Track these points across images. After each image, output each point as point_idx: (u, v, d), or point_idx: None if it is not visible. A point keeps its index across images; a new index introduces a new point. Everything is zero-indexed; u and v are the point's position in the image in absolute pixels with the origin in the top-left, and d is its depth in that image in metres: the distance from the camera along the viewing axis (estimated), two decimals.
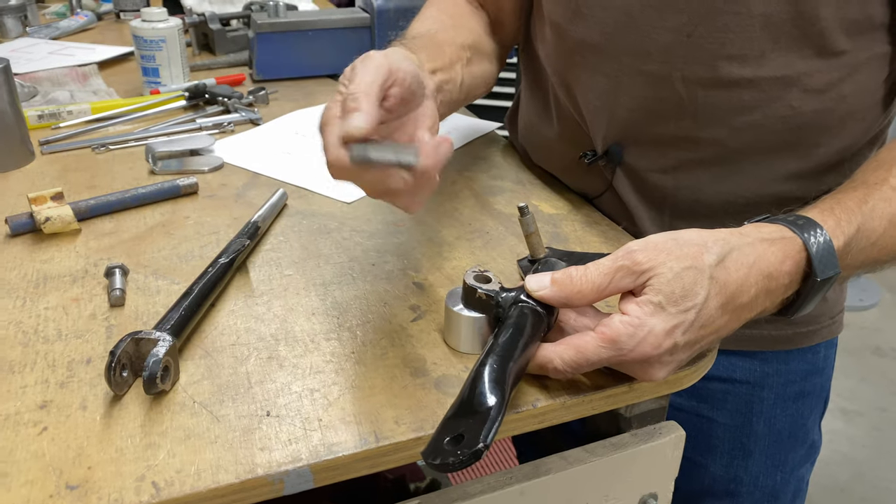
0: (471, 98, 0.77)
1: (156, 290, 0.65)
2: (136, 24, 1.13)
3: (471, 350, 0.58)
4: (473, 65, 0.75)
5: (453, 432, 0.44)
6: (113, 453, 0.48)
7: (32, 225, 0.74)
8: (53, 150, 0.95)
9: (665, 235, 0.53)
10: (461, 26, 0.78)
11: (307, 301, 0.64)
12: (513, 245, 0.74)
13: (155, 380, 0.51)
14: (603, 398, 0.55)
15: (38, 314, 0.62)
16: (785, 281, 0.55)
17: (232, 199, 0.83)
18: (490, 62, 0.80)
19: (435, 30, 0.75)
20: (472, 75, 0.74)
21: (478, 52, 0.77)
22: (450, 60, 0.70)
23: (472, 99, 0.78)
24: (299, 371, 0.56)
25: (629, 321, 0.50)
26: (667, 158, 0.75)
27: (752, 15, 0.65)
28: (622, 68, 0.72)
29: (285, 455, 0.48)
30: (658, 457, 0.66)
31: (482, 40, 0.80)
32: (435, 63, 0.67)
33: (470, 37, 0.77)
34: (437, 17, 0.79)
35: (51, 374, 0.55)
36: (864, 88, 0.70)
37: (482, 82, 0.78)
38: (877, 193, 0.59)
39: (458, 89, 0.70)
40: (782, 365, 0.85)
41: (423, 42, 0.69)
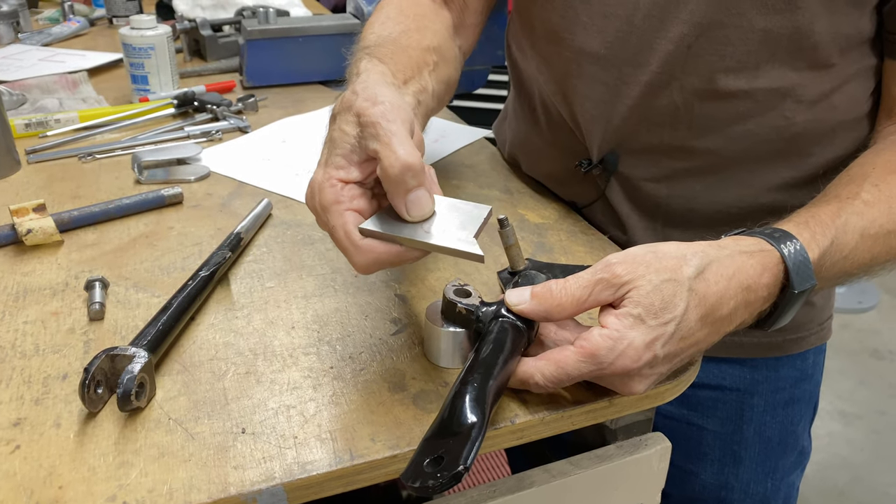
0: (441, 105, 0.74)
1: (136, 304, 0.65)
2: (125, 31, 1.13)
3: (450, 365, 0.57)
4: (440, 69, 0.71)
5: (433, 454, 0.44)
6: (85, 472, 0.47)
7: (14, 237, 0.73)
8: (39, 159, 0.95)
9: (644, 248, 0.53)
10: (424, 28, 0.74)
11: (287, 314, 0.64)
12: (497, 255, 0.73)
13: (129, 397, 0.50)
14: (583, 413, 0.55)
15: (16, 328, 0.62)
16: (763, 293, 0.55)
17: (217, 209, 0.83)
18: (453, 68, 0.77)
19: (398, 33, 0.71)
20: (440, 81, 0.71)
21: (443, 57, 0.73)
22: (418, 67, 0.67)
23: (441, 107, 0.75)
24: (276, 387, 0.55)
25: (608, 334, 0.50)
26: (661, 167, 0.75)
27: (754, 29, 0.65)
28: (621, 77, 0.72)
29: (259, 474, 0.47)
30: (644, 468, 0.65)
31: (445, 44, 0.76)
32: (405, 72, 0.64)
33: (434, 39, 0.73)
34: (398, 18, 0.74)
35: (26, 391, 0.54)
36: (853, 99, 0.71)
37: (447, 88, 0.75)
38: (849, 208, 0.59)
39: (431, 98, 0.67)
40: (772, 372, 0.85)
41: (389, 50, 0.66)
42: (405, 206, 0.50)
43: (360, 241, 0.50)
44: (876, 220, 0.60)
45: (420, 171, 0.50)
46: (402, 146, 0.49)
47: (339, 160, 0.52)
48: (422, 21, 0.75)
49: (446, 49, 0.75)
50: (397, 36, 0.70)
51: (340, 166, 0.52)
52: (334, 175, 0.52)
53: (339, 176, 0.52)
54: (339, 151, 0.53)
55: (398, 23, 0.73)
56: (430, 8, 0.81)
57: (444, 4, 0.84)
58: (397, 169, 0.49)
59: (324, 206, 0.51)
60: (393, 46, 0.67)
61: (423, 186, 0.50)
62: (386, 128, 0.50)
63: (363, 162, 0.52)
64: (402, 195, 0.50)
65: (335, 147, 0.53)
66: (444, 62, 0.73)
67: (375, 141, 0.50)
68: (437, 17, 0.80)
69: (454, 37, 0.81)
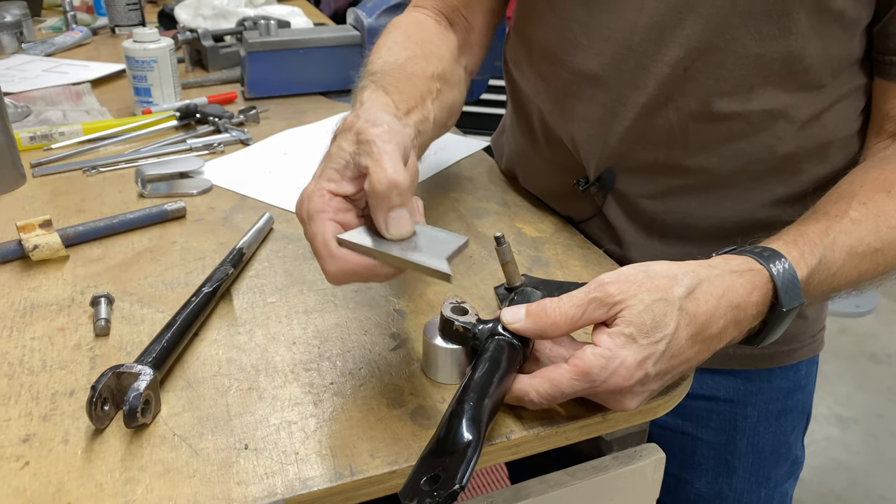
0: (441, 133, 0.76)
1: (140, 319, 0.66)
2: (128, 44, 1.15)
3: (448, 380, 0.59)
4: (443, 96, 0.73)
5: (430, 472, 0.45)
6: (93, 488, 0.49)
7: (21, 252, 0.75)
8: (44, 172, 0.96)
9: (637, 267, 0.54)
10: (430, 54, 0.75)
11: (289, 330, 0.65)
12: (495, 270, 0.75)
13: (135, 414, 0.52)
14: (577, 428, 0.56)
15: (24, 344, 0.63)
16: (753, 311, 0.56)
17: (219, 223, 0.84)
18: (458, 91, 0.79)
19: (403, 59, 0.72)
20: (442, 108, 0.72)
21: (447, 83, 0.75)
22: (421, 96, 0.68)
23: (441, 133, 0.77)
24: (278, 403, 0.57)
25: (601, 353, 0.51)
26: (656, 185, 0.77)
27: (748, 54, 0.66)
28: (619, 98, 0.73)
29: (261, 489, 0.49)
30: (639, 479, 0.67)
31: (450, 68, 0.78)
32: (408, 102, 0.66)
33: (440, 66, 0.75)
34: (405, 43, 0.76)
35: (34, 407, 0.56)
36: (844, 118, 0.72)
37: (451, 114, 0.77)
38: (837, 226, 0.61)
39: (431, 127, 0.69)
40: (765, 383, 0.86)
41: (393, 78, 0.67)
42: (386, 222, 0.52)
43: (335, 250, 0.52)
44: (863, 238, 0.61)
45: (405, 190, 0.51)
46: (392, 165, 0.51)
47: (332, 173, 0.54)
48: (427, 47, 0.77)
49: (451, 73, 0.77)
50: (403, 62, 0.71)
51: (332, 179, 0.54)
52: (325, 186, 0.54)
53: (329, 188, 0.54)
54: (333, 165, 0.55)
55: (404, 48, 0.75)
56: (436, 32, 0.82)
57: (450, 26, 0.86)
58: (384, 185, 0.51)
59: (309, 213, 0.53)
60: (398, 74, 0.68)
61: (405, 206, 0.52)
62: (380, 146, 0.52)
63: (355, 178, 0.54)
64: (384, 211, 0.52)
65: (330, 161, 0.55)
66: (449, 87, 0.75)
67: (368, 157, 0.52)
68: (442, 40, 0.81)
69: (459, 58, 0.83)
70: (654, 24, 0.69)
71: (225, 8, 1.58)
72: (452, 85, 0.77)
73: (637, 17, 0.70)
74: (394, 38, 0.78)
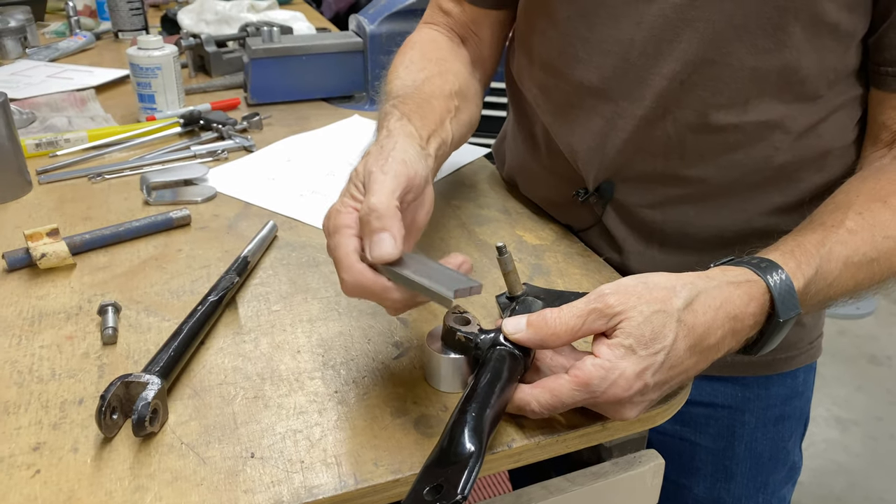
0: (457, 148, 0.78)
1: (147, 328, 0.67)
2: (132, 51, 1.16)
3: (450, 389, 0.60)
4: (461, 114, 0.76)
5: (432, 482, 0.46)
6: (102, 496, 0.50)
7: (29, 260, 0.76)
8: (50, 179, 0.97)
9: (636, 279, 0.55)
10: (447, 72, 0.78)
11: (293, 338, 0.66)
12: (496, 278, 0.76)
13: (144, 423, 0.53)
14: (577, 437, 0.57)
15: (32, 353, 0.64)
16: (750, 322, 0.57)
17: (224, 231, 0.85)
18: (475, 105, 0.81)
19: (422, 80, 0.75)
20: (460, 125, 0.75)
21: (464, 99, 0.77)
22: (440, 118, 0.71)
23: (462, 143, 0.79)
24: (283, 411, 0.58)
25: (601, 364, 0.52)
26: (655, 194, 0.78)
27: (743, 67, 0.67)
28: (618, 110, 0.75)
29: (267, 497, 0.50)
30: (638, 484, 0.68)
31: (467, 83, 0.80)
32: (429, 127, 0.68)
33: (456, 83, 0.77)
34: (421, 63, 0.79)
35: (44, 415, 0.57)
36: (841, 128, 0.73)
37: (468, 129, 0.79)
38: (833, 236, 0.62)
39: (448, 147, 0.72)
40: (763, 390, 0.87)
41: (414, 104, 0.70)
42: (369, 245, 0.54)
43: (354, 263, 0.54)
44: (859, 248, 0.62)
45: (385, 216, 0.54)
46: (377, 194, 0.55)
47: (356, 192, 0.58)
48: (443, 64, 0.80)
49: (467, 88, 0.80)
50: (421, 83, 0.75)
51: (356, 197, 0.57)
52: (349, 203, 0.57)
53: (353, 205, 0.57)
54: (356, 184, 0.58)
55: (421, 68, 0.78)
56: (450, 49, 0.85)
57: (462, 42, 0.89)
58: (364, 210, 0.55)
59: (335, 227, 0.56)
60: (418, 99, 0.71)
61: (386, 231, 0.54)
62: (376, 176, 0.56)
63: None
64: (367, 235, 0.55)
65: (356, 179, 0.58)
66: (466, 103, 0.78)
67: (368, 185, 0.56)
68: (456, 57, 0.84)
69: (473, 72, 0.86)
70: (652, 38, 0.70)
71: (227, 13, 1.59)
72: (469, 99, 0.80)
73: (635, 31, 0.71)
74: (410, 59, 0.81)
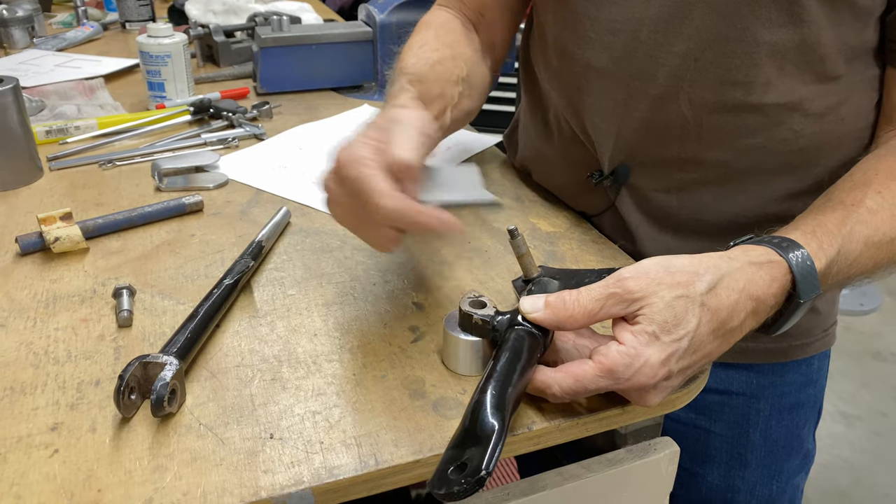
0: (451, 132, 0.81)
1: (162, 311, 0.67)
2: (142, 39, 1.15)
3: (469, 372, 0.59)
4: (462, 102, 0.77)
5: (456, 461, 0.46)
6: (122, 476, 0.49)
7: (42, 244, 0.76)
8: (61, 166, 0.97)
9: (657, 263, 0.55)
10: (457, 56, 0.79)
11: (309, 322, 0.66)
12: (511, 264, 0.75)
13: (162, 403, 0.52)
14: (597, 420, 0.57)
15: (48, 335, 0.64)
16: (771, 302, 0.57)
17: (236, 217, 0.85)
18: (479, 93, 0.83)
19: (434, 61, 0.76)
20: (458, 112, 0.77)
21: (469, 86, 0.79)
22: (444, 105, 0.73)
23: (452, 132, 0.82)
24: (301, 393, 0.57)
25: (626, 351, 0.51)
26: (671, 179, 0.77)
27: (758, 42, 0.67)
28: (629, 91, 0.74)
29: (288, 478, 0.50)
30: (653, 472, 0.67)
31: (475, 71, 0.81)
32: (434, 111, 0.71)
33: (465, 68, 0.78)
34: (435, 44, 0.80)
35: (61, 396, 0.57)
36: (859, 111, 0.72)
37: (465, 119, 0.81)
38: (854, 216, 0.61)
39: (442, 135, 0.74)
40: (777, 377, 0.86)
41: (427, 86, 0.72)
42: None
43: (390, 188, 0.56)
44: (879, 227, 0.62)
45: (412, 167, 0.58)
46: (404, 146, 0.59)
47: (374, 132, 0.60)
48: (456, 48, 0.81)
49: (475, 76, 0.81)
50: (433, 64, 0.76)
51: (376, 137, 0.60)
52: (371, 138, 0.59)
53: (373, 142, 0.59)
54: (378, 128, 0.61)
55: (434, 49, 0.79)
56: (462, 33, 0.86)
57: (474, 28, 0.89)
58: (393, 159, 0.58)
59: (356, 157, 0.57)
60: (428, 83, 0.74)
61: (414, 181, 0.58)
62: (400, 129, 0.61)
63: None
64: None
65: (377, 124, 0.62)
66: (470, 91, 0.80)
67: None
68: (469, 43, 0.85)
69: (484, 59, 0.87)
70: (662, 15, 0.69)
71: (235, 4, 1.59)
72: (475, 87, 0.81)
73: (645, 8, 0.70)
74: (424, 38, 0.81)
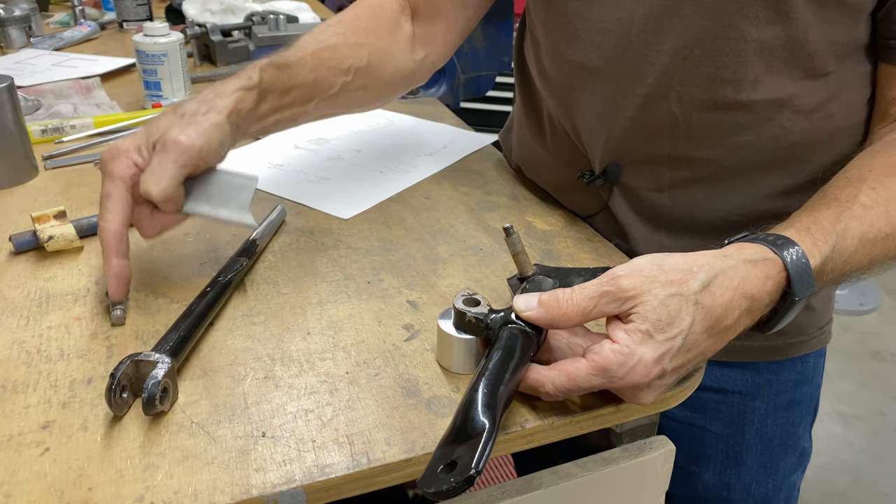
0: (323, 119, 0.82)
1: (156, 309, 0.67)
2: (138, 38, 1.15)
3: (462, 370, 0.59)
4: (346, 91, 0.78)
5: (446, 460, 0.46)
6: (113, 474, 0.49)
7: (36, 243, 0.75)
8: (56, 165, 0.97)
9: (651, 260, 0.55)
10: (362, 45, 0.79)
11: (303, 320, 0.66)
12: (506, 262, 0.75)
13: (154, 401, 0.52)
14: (591, 419, 0.56)
15: (41, 333, 0.64)
16: (766, 300, 0.56)
17: None
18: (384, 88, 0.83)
19: (325, 46, 0.76)
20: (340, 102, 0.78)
21: (368, 76, 0.79)
22: (310, 94, 0.74)
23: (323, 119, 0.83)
24: (294, 391, 0.57)
25: (619, 350, 0.51)
26: (662, 177, 0.77)
27: (746, 40, 0.66)
28: (619, 90, 0.74)
29: (279, 476, 0.49)
30: (648, 471, 0.67)
31: (384, 61, 0.81)
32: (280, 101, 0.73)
33: (365, 58, 0.78)
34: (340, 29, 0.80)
35: (53, 395, 0.56)
36: (851, 107, 0.72)
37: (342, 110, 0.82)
38: (848, 212, 0.61)
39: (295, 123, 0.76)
40: (773, 375, 0.86)
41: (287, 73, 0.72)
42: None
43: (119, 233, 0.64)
44: (874, 224, 0.61)
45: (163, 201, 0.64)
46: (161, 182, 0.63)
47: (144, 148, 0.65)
48: (366, 36, 0.81)
49: (382, 67, 0.82)
50: (321, 49, 0.76)
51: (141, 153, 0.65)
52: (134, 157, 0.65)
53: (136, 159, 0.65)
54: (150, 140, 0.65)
55: (337, 34, 0.79)
56: (387, 21, 0.84)
57: (412, 16, 0.86)
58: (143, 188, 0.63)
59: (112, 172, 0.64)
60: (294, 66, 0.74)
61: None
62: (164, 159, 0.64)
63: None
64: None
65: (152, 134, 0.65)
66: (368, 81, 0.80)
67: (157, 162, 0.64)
68: (389, 31, 0.83)
69: (410, 50, 0.85)
70: (652, 14, 0.69)
71: (232, 3, 1.59)
72: (379, 78, 0.81)
73: (634, 8, 0.70)
74: (339, 19, 0.82)
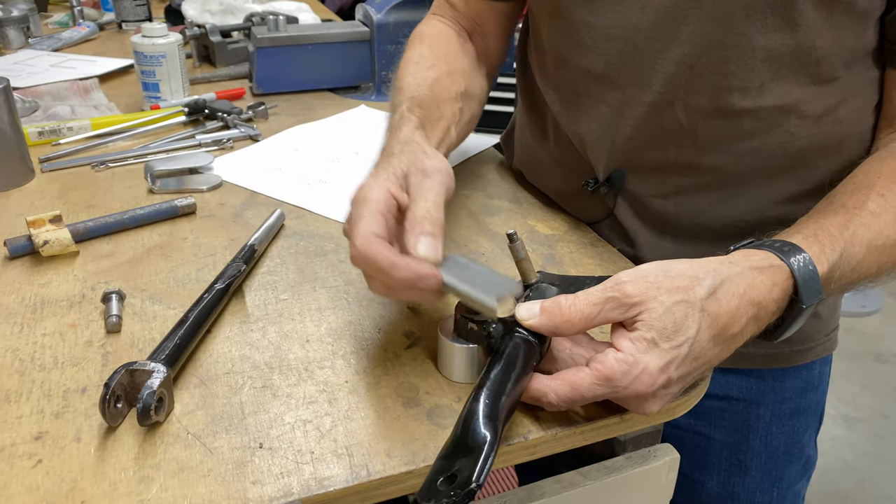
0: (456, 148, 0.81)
1: (152, 316, 0.66)
2: (137, 39, 1.14)
3: (464, 380, 0.58)
4: (464, 115, 0.77)
5: (447, 472, 0.44)
6: (106, 487, 0.48)
7: (31, 248, 0.74)
8: (53, 167, 0.96)
9: (656, 267, 0.53)
10: (455, 71, 0.79)
11: (302, 327, 0.65)
12: (508, 267, 0.74)
13: (149, 412, 0.51)
14: (594, 429, 0.55)
15: (34, 341, 0.63)
16: (773, 308, 0.55)
17: (229, 220, 0.83)
18: (478, 103, 0.83)
19: (432, 80, 0.75)
20: (463, 127, 0.77)
21: (469, 99, 0.79)
22: (447, 126, 0.73)
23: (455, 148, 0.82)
24: (293, 401, 0.56)
25: (623, 358, 0.50)
26: (667, 184, 0.76)
27: (754, 48, 0.66)
28: (625, 98, 0.73)
29: (277, 489, 0.48)
30: (653, 479, 0.66)
31: (473, 81, 0.81)
32: (437, 136, 0.71)
33: (463, 83, 0.78)
34: (431, 59, 0.79)
35: (46, 404, 0.55)
36: (859, 112, 0.71)
37: (469, 130, 0.81)
38: (856, 219, 0.60)
39: (447, 152, 0.74)
40: (778, 382, 0.85)
41: (427, 111, 0.71)
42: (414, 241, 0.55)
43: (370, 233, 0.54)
44: (882, 231, 0.61)
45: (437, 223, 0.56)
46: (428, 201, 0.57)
47: (393, 178, 0.59)
48: (452, 62, 0.81)
49: (473, 87, 0.81)
50: (432, 84, 0.75)
51: (392, 182, 0.59)
52: (386, 185, 0.58)
53: (388, 186, 0.58)
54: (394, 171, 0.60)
55: (431, 66, 0.78)
56: (458, 44, 0.86)
57: (468, 37, 0.88)
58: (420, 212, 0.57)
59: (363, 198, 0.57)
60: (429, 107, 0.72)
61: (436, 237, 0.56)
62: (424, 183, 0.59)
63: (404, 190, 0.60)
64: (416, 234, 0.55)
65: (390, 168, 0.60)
66: (470, 102, 0.80)
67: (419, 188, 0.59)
68: (464, 54, 0.85)
69: (479, 68, 0.87)
70: (658, 21, 0.68)
71: (232, 4, 1.58)
72: (473, 98, 0.81)
73: (641, 15, 0.69)
74: (420, 53, 0.81)
